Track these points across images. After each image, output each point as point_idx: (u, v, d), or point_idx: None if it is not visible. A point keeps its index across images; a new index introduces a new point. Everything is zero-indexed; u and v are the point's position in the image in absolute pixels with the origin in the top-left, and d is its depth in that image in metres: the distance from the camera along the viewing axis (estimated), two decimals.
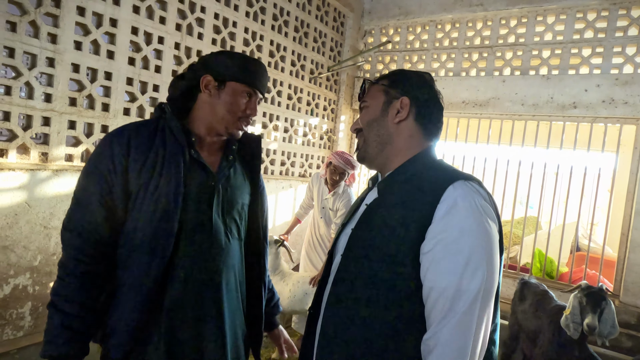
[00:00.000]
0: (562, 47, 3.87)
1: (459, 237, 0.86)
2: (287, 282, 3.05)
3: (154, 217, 1.16)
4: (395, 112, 1.06)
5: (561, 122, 3.95)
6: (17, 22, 2.15)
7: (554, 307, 2.71)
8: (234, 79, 1.24)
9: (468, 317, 0.83)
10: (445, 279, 0.85)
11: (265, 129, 3.85)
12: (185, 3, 2.99)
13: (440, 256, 0.86)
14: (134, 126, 1.21)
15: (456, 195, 0.90)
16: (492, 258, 0.87)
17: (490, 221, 0.90)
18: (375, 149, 1.07)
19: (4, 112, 2.16)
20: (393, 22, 4.78)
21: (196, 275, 1.21)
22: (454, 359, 0.82)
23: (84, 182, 1.15)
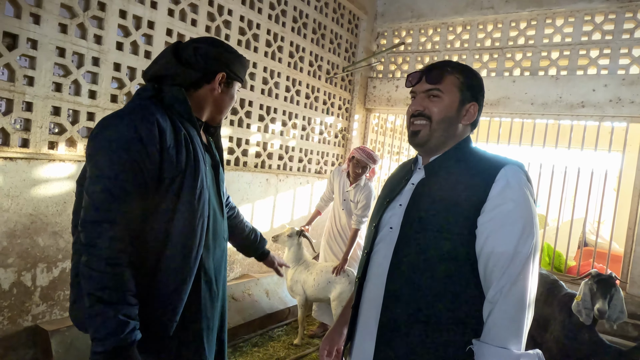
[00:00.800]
0: (570, 49, 4.02)
1: (514, 209, 1.01)
2: (311, 271, 3.21)
3: (195, 204, 1.19)
4: (465, 113, 1.16)
5: (569, 122, 4.10)
6: (67, 25, 2.32)
7: (564, 295, 2.85)
8: (239, 80, 1.34)
9: (525, 274, 0.98)
10: (504, 243, 0.99)
11: (285, 126, 4.01)
12: (214, 6, 3.16)
13: (499, 225, 1.01)
14: (149, 109, 1.15)
15: (508, 175, 1.05)
16: (537, 226, 1.05)
17: (531, 197, 1.06)
18: (439, 140, 1.16)
19: (54, 107, 2.33)
20: (405, 25, 4.94)
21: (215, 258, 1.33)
22: (516, 309, 0.97)
23: (113, 170, 1.08)
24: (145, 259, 1.14)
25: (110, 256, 1.05)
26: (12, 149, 2.16)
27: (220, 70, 1.28)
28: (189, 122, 1.24)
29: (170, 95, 1.22)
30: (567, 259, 4.20)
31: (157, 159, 1.12)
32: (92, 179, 1.09)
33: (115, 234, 1.06)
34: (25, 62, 2.23)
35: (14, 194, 2.16)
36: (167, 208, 1.16)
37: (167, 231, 1.16)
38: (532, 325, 3.10)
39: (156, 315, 1.16)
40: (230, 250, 3.59)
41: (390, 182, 1.32)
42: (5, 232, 2.15)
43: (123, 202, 1.08)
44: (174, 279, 1.17)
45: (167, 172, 1.15)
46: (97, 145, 1.11)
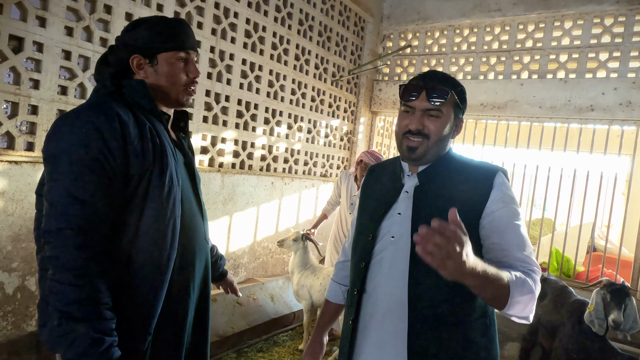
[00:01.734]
0: (579, 52, 3.97)
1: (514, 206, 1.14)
2: (318, 275, 3.17)
3: (164, 202, 1.10)
4: (455, 129, 1.23)
5: (578, 125, 4.04)
6: (73, 27, 2.31)
7: (573, 301, 2.80)
8: (163, 50, 1.17)
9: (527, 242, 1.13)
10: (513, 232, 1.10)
11: (291, 129, 3.99)
12: (220, 9, 3.15)
13: (505, 221, 1.12)
14: (108, 105, 1.07)
15: (502, 181, 1.17)
16: None
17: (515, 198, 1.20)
18: (434, 155, 1.21)
19: (60, 110, 2.32)
20: (412, 27, 4.91)
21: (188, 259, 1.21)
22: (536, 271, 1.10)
23: (72, 171, 0.98)
24: (114, 266, 1.05)
25: (77, 266, 0.96)
26: (17, 153, 2.15)
27: (130, 55, 1.16)
28: (152, 114, 1.16)
29: (130, 88, 1.13)
30: (575, 264, 4.14)
31: (120, 155, 1.03)
32: (51, 184, 1.00)
33: (82, 241, 0.97)
34: (31, 65, 2.22)
35: (18, 197, 2.15)
36: (134, 208, 1.07)
37: (135, 234, 1.07)
38: (540, 332, 3.06)
39: (127, 329, 1.05)
40: (235, 254, 3.58)
41: (376, 191, 1.31)
42: (10, 236, 2.14)
43: (87, 205, 0.98)
44: (144, 287, 1.08)
45: (133, 167, 1.06)
46: (53, 146, 1.02)
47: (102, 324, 0.97)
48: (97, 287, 0.98)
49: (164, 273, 1.11)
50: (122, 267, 1.07)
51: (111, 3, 2.46)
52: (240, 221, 3.57)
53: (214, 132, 3.23)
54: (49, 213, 0.99)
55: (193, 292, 1.24)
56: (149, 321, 1.09)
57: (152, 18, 1.20)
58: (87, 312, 0.96)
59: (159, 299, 1.10)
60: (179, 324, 1.20)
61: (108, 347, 0.97)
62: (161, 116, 1.19)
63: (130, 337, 1.06)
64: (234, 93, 3.36)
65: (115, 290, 1.05)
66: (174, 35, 1.18)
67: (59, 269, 0.96)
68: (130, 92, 1.14)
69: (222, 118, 3.28)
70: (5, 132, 2.13)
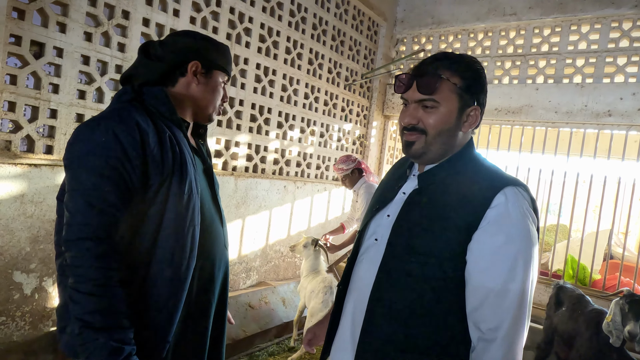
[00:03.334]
0: (596, 56, 3.91)
1: (509, 242, 0.92)
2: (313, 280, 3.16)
3: (183, 211, 1.11)
4: (466, 119, 1.04)
5: (595, 130, 3.98)
6: (92, 33, 2.35)
7: (591, 310, 2.75)
8: (219, 68, 1.22)
9: (517, 316, 0.92)
10: (494, 279, 0.92)
11: (303, 133, 4.00)
12: (235, 14, 3.17)
13: (488, 260, 0.93)
14: (127, 111, 1.07)
15: (507, 203, 0.94)
16: (533, 261, 0.95)
17: (532, 225, 0.96)
18: (437, 153, 1.05)
19: (78, 114, 2.36)
20: (425, 31, 4.89)
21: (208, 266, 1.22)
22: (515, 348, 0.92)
23: (92, 180, 0.99)
24: (132, 275, 1.05)
25: (98, 277, 0.96)
26: (37, 156, 2.19)
27: (192, 59, 1.17)
28: (173, 123, 1.15)
29: (151, 95, 1.13)
30: (592, 272, 4.07)
31: (140, 164, 1.03)
32: (71, 192, 1.00)
33: (102, 250, 0.97)
34: (51, 69, 2.27)
35: (37, 200, 2.19)
36: (154, 217, 1.07)
37: (154, 243, 1.07)
38: (556, 341, 3.00)
39: (146, 338, 1.06)
40: (247, 257, 3.59)
41: (383, 186, 1.23)
42: (29, 237, 2.18)
43: (106, 215, 0.99)
44: (163, 296, 1.08)
45: (153, 177, 1.05)
46: (73, 155, 1.02)
47: (122, 333, 0.98)
48: (116, 297, 0.99)
49: (184, 281, 1.11)
50: (141, 275, 1.07)
51: (129, 9, 2.49)
52: (253, 224, 3.59)
53: (227, 135, 3.25)
54: (69, 222, 0.99)
55: (213, 299, 1.25)
56: (167, 329, 1.09)
57: (207, 36, 1.24)
58: (106, 321, 0.97)
59: (178, 307, 1.11)
60: (200, 331, 1.21)
61: (127, 356, 0.98)
62: (181, 124, 1.19)
63: (150, 345, 1.07)
64: (248, 97, 3.38)
65: (134, 299, 1.05)
66: (229, 61, 1.26)
67: (79, 278, 0.97)
68: (151, 100, 1.14)
69: (235, 122, 3.30)
70: (26, 135, 2.17)
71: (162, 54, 1.17)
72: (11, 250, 2.12)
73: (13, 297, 2.16)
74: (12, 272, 2.14)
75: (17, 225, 2.13)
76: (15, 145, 2.13)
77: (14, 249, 2.13)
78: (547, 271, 4.24)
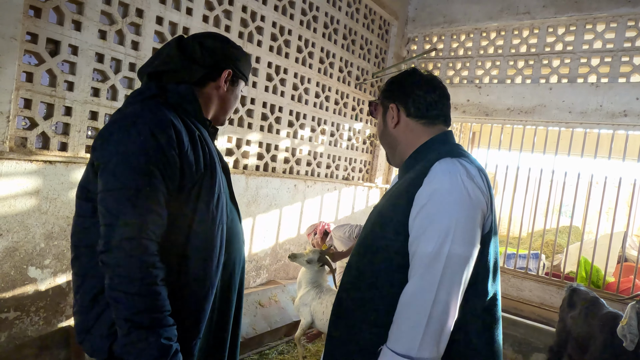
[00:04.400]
0: (612, 55, 3.86)
1: (431, 208, 0.98)
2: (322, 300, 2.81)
3: (213, 210, 1.12)
4: (390, 119, 1.21)
5: (610, 131, 3.92)
6: (106, 31, 2.37)
7: (605, 313, 2.71)
8: (244, 78, 1.28)
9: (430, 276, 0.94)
10: (415, 243, 0.99)
11: (314, 132, 4.00)
12: (247, 12, 3.18)
13: (419, 224, 0.99)
14: (162, 111, 1.06)
15: (437, 170, 1.02)
16: (461, 227, 0.96)
17: (470, 196, 0.98)
18: (390, 153, 1.26)
19: (92, 112, 2.37)
20: (437, 30, 4.85)
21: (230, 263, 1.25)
22: (415, 312, 0.93)
23: (133, 179, 0.98)
24: (167, 273, 1.05)
25: (143, 276, 0.96)
26: (52, 153, 2.21)
27: (227, 67, 1.21)
28: (199, 122, 1.18)
29: (177, 94, 1.13)
30: (605, 274, 4.01)
31: (176, 164, 1.04)
32: (111, 192, 0.98)
33: (143, 250, 0.97)
34: (66, 67, 2.28)
35: (52, 196, 2.21)
36: (187, 216, 1.08)
37: (187, 241, 1.08)
38: (570, 344, 2.96)
39: (180, 334, 1.06)
40: (257, 255, 3.60)
41: None
42: (44, 233, 2.20)
43: (150, 214, 0.99)
44: (196, 292, 1.09)
45: (187, 176, 1.06)
46: (111, 154, 1.01)
47: (169, 331, 0.99)
48: (160, 295, 0.99)
49: (214, 277, 1.13)
50: (175, 273, 1.08)
51: (143, 7, 2.51)
52: (263, 223, 3.59)
53: (239, 134, 3.26)
54: (110, 223, 0.98)
55: (234, 295, 1.27)
56: (199, 325, 1.11)
57: (236, 44, 1.28)
58: (155, 320, 0.97)
59: (209, 303, 1.13)
60: (223, 326, 1.23)
61: (174, 352, 1.00)
62: (206, 123, 1.21)
63: (183, 341, 1.08)
64: (259, 96, 3.38)
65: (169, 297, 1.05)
66: (250, 68, 1.31)
67: (124, 279, 0.96)
68: (176, 98, 1.14)
69: (247, 120, 3.31)
70: (41, 132, 2.19)
71: (201, 56, 1.18)
72: (26, 246, 2.14)
73: (28, 293, 2.18)
74: (27, 267, 2.16)
75: (32, 221, 2.15)
76: (30, 142, 2.15)
77: (29, 245, 2.15)
78: (559, 273, 4.18)
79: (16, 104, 2.05)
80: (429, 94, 1.17)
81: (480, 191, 1.01)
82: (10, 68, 1.98)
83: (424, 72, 1.23)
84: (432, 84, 1.19)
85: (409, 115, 1.18)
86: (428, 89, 1.18)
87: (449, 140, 1.17)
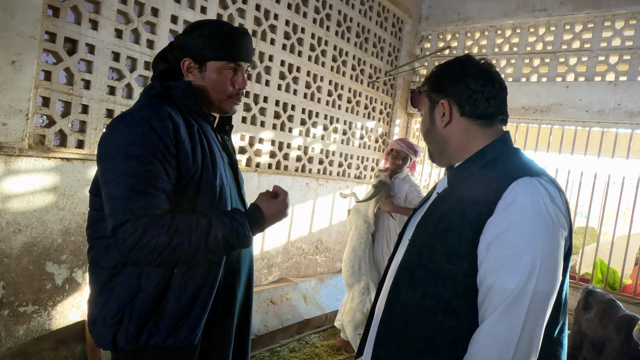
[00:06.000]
0: (631, 53, 3.77)
1: (513, 238, 0.87)
2: None
3: (218, 202, 1.13)
4: (440, 116, 1.06)
5: (629, 130, 3.84)
6: (122, 30, 2.39)
7: (622, 316, 2.66)
8: (212, 58, 1.18)
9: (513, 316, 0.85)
10: (493, 276, 0.87)
11: (326, 130, 3.99)
12: (261, 10, 3.18)
13: (496, 255, 0.88)
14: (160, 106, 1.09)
15: (516, 191, 0.89)
16: (546, 262, 0.86)
17: (554, 223, 0.88)
18: (437, 154, 1.12)
19: (108, 110, 2.40)
20: (451, 28, 4.81)
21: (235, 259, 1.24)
22: (496, 352, 0.85)
23: (132, 167, 1.00)
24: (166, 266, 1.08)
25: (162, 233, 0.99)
26: (69, 150, 2.25)
27: (182, 58, 1.18)
28: (200, 116, 1.19)
29: (178, 89, 1.16)
30: (622, 276, 3.94)
31: (173, 153, 1.06)
32: (111, 182, 1.01)
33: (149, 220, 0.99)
34: (83, 66, 2.32)
35: (69, 193, 2.25)
36: (186, 208, 1.09)
37: None
38: (585, 347, 2.92)
39: (180, 325, 1.09)
40: (269, 253, 3.61)
41: (431, 188, 1.25)
42: (61, 229, 2.24)
43: (150, 195, 1.01)
44: (197, 284, 1.10)
45: (183, 168, 1.07)
46: (110, 146, 1.04)
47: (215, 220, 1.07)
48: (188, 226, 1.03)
49: (217, 271, 1.14)
50: (174, 266, 1.09)
51: (158, 6, 2.53)
52: None
53: (252, 132, 3.27)
54: (113, 210, 1.00)
55: (239, 290, 1.27)
56: (201, 317, 1.12)
57: (210, 24, 1.20)
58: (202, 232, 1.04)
59: (211, 296, 1.13)
60: (227, 322, 1.23)
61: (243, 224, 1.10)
62: (208, 117, 1.22)
63: (183, 332, 1.10)
64: (272, 94, 3.39)
65: (168, 289, 1.09)
66: (227, 46, 1.18)
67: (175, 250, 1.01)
68: (177, 94, 1.16)
69: (260, 119, 3.32)
70: (59, 130, 2.23)
71: (169, 56, 1.23)
72: (44, 241, 2.18)
73: (45, 287, 2.22)
74: (45, 262, 2.20)
75: (50, 217, 2.19)
76: (48, 140, 2.19)
77: (46, 240, 2.19)
78: (574, 274, 4.12)
79: (35, 102, 2.09)
80: (488, 87, 1.02)
81: (562, 214, 0.90)
82: (29, 67, 2.02)
83: (480, 59, 1.06)
84: (490, 75, 1.03)
85: (463, 114, 1.03)
86: (486, 82, 1.02)
87: (512, 147, 1.04)
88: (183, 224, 1.02)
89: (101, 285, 1.10)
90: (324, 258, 4.22)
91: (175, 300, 1.08)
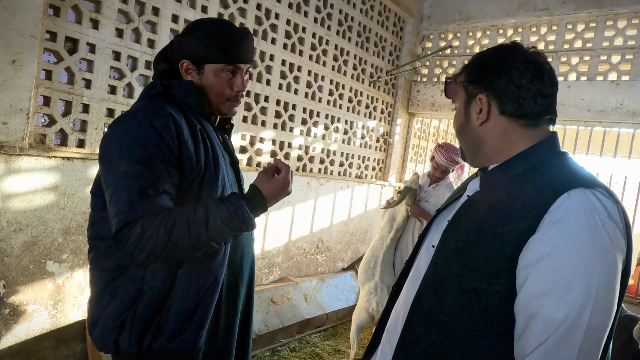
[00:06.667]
0: (633, 52, 3.76)
1: (563, 262, 0.75)
2: None
3: None
4: (476, 113, 0.93)
5: (631, 130, 3.83)
6: (123, 29, 2.39)
7: (624, 317, 2.65)
8: (210, 61, 1.16)
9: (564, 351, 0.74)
10: (537, 303, 0.76)
11: (327, 130, 3.99)
12: (262, 10, 3.18)
13: (541, 277, 0.76)
14: (162, 106, 1.08)
15: (568, 207, 0.76)
16: (603, 292, 0.74)
17: (612, 245, 0.75)
18: (470, 153, 0.99)
19: (108, 109, 2.40)
20: (452, 27, 4.80)
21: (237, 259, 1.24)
22: None
23: (133, 167, 0.99)
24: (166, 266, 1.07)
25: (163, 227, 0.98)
26: (70, 149, 2.25)
27: (181, 59, 1.18)
28: (202, 115, 1.18)
29: (179, 89, 1.16)
30: None
31: (176, 153, 1.04)
32: (114, 184, 1.00)
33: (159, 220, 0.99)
34: (84, 65, 2.32)
35: (70, 192, 2.25)
36: None
37: None
38: None
39: (184, 328, 1.09)
40: (270, 253, 3.61)
41: (457, 188, 1.14)
42: (61, 228, 2.24)
43: (151, 197, 1.00)
44: (201, 285, 1.09)
45: (186, 168, 1.06)
46: (112, 147, 1.03)
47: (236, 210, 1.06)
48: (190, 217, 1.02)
49: (220, 271, 1.13)
50: (176, 266, 1.09)
51: (159, 5, 2.53)
52: (276, 220, 3.60)
53: (252, 131, 3.27)
54: (115, 212, 0.99)
55: (242, 292, 1.26)
56: (205, 318, 1.11)
57: (208, 25, 1.18)
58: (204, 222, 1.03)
59: (214, 296, 1.13)
60: (230, 322, 1.23)
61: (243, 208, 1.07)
62: (209, 117, 1.21)
63: (187, 334, 1.09)
64: (273, 93, 3.38)
65: (172, 291, 1.08)
66: (225, 48, 1.16)
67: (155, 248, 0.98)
68: (179, 93, 1.16)
69: (260, 118, 3.32)
70: (59, 129, 2.23)
71: (170, 54, 1.23)
72: (45, 240, 2.18)
73: (46, 286, 2.22)
74: (46, 261, 2.20)
75: (51, 216, 2.19)
76: (49, 139, 2.19)
77: (47, 240, 2.19)
78: None
79: (35, 101, 2.10)
80: (535, 82, 0.87)
81: (620, 233, 0.77)
82: (30, 66, 2.02)
83: (528, 48, 0.92)
84: (539, 68, 0.88)
85: (504, 112, 0.89)
86: (534, 75, 0.87)
87: (559, 151, 0.90)
88: (180, 218, 1.01)
89: (102, 287, 1.09)
90: (325, 258, 4.22)
91: (179, 303, 1.07)
